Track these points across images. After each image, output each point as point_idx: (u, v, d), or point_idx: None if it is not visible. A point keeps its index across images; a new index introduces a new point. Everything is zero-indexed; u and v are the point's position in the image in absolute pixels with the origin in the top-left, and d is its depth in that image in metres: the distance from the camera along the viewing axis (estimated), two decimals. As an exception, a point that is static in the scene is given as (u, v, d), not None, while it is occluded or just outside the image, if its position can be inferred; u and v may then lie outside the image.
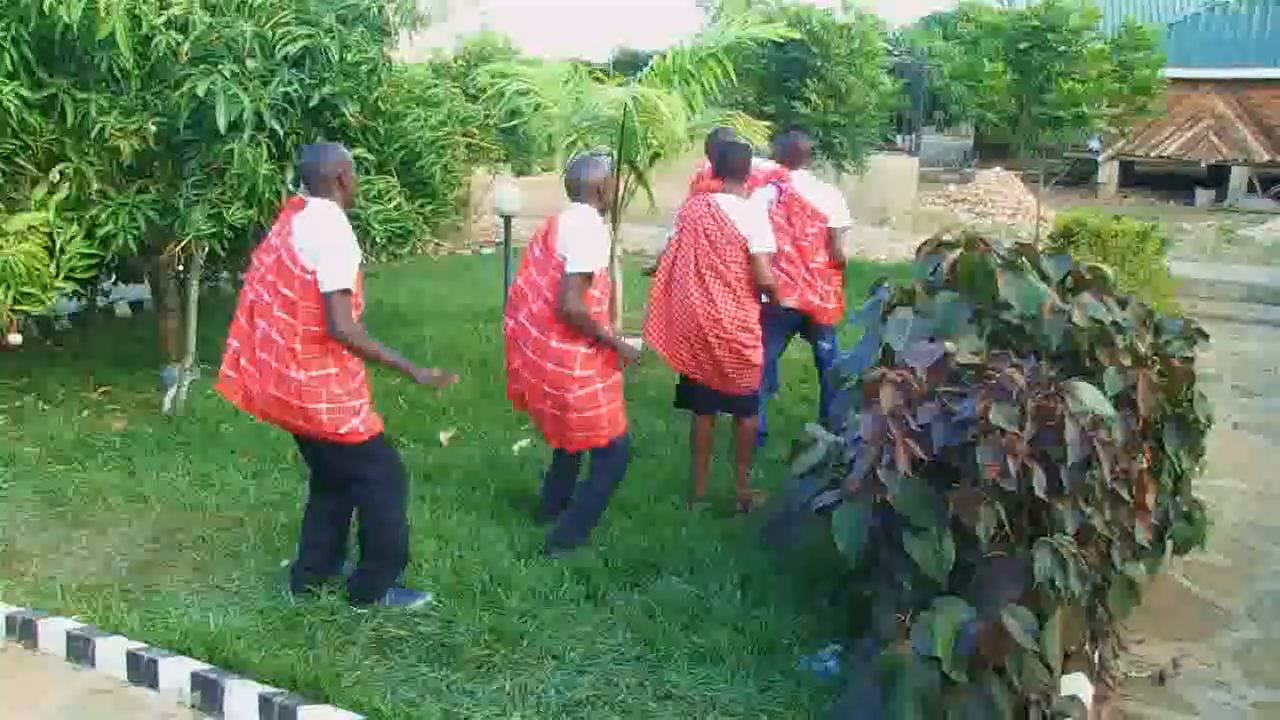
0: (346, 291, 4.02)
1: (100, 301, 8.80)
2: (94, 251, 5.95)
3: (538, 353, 4.67)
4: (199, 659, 3.89)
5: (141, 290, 8.80)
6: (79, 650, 4.03)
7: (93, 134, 5.89)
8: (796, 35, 10.41)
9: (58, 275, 5.77)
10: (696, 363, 5.20)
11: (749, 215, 5.16)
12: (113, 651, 3.97)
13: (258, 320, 4.11)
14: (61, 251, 5.79)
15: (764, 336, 5.28)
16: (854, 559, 3.52)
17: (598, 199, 4.74)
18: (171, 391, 6.60)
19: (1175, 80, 17.06)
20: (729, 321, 5.07)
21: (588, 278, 4.57)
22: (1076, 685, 3.55)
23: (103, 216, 5.95)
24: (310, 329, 4.03)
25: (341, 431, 4.13)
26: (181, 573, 4.65)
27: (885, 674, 3.28)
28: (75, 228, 5.87)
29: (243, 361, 4.17)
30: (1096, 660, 3.83)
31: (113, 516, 5.17)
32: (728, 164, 5.32)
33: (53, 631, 4.11)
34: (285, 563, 4.66)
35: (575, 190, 4.73)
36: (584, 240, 4.60)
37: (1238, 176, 19.69)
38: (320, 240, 4.02)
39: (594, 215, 4.71)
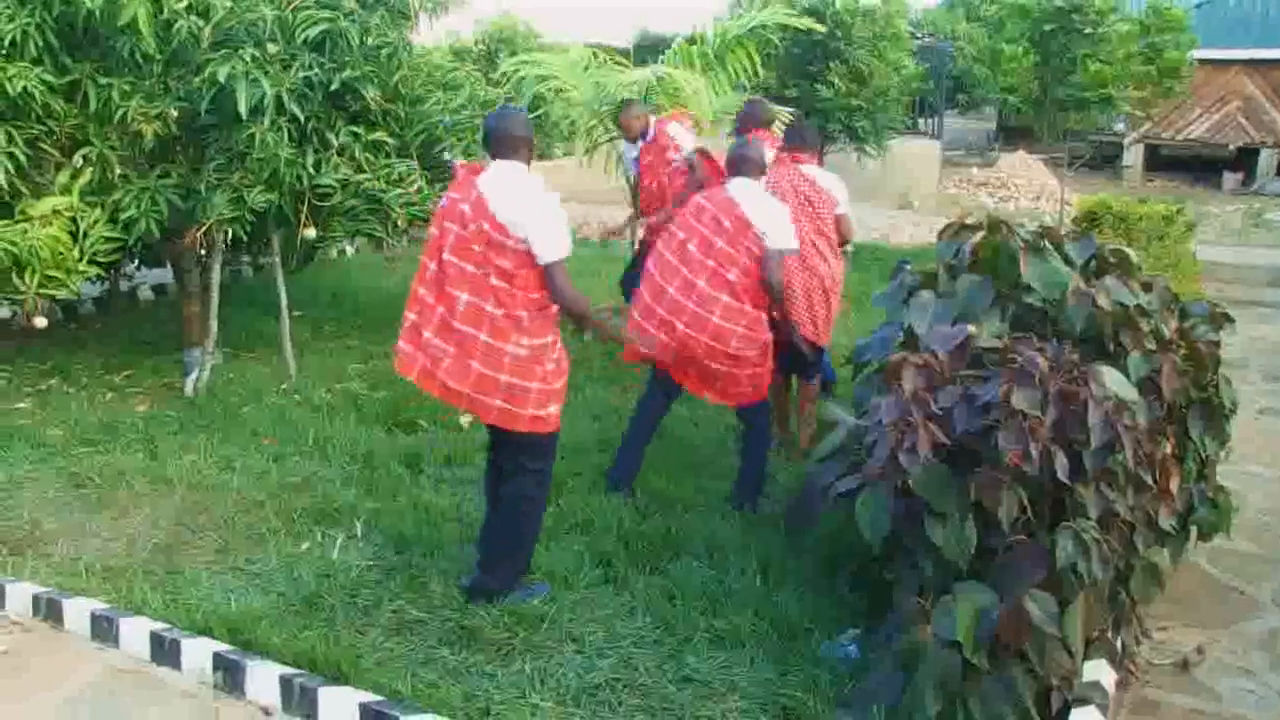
0: (564, 258, 4.00)
1: (123, 285, 8.87)
2: (117, 235, 5.98)
3: (726, 317, 4.84)
4: (221, 640, 3.91)
5: (164, 274, 8.86)
6: (103, 630, 4.07)
7: (115, 119, 5.92)
8: (821, 29, 10.37)
9: (81, 259, 5.80)
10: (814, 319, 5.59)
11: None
12: (136, 632, 4.00)
13: (453, 291, 4.00)
14: (85, 235, 5.83)
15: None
16: (877, 545, 3.50)
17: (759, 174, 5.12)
18: (194, 375, 6.64)
19: (1203, 61, 16.88)
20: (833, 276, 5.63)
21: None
22: (1098, 671, 3.52)
23: (125, 200, 5.98)
24: (531, 296, 4.00)
25: (541, 414, 4.08)
26: (203, 554, 4.68)
27: (906, 658, 3.27)
28: (98, 212, 5.91)
29: (426, 334, 4.06)
30: (1119, 646, 3.80)
31: (136, 498, 5.20)
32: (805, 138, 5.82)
33: (78, 611, 4.14)
34: (305, 545, 4.68)
35: (737, 167, 5.05)
36: (780, 220, 4.98)
37: (1266, 159, 19.44)
38: (527, 210, 3.95)
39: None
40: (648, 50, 16.74)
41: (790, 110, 9.24)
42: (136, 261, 7.92)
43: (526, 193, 4.01)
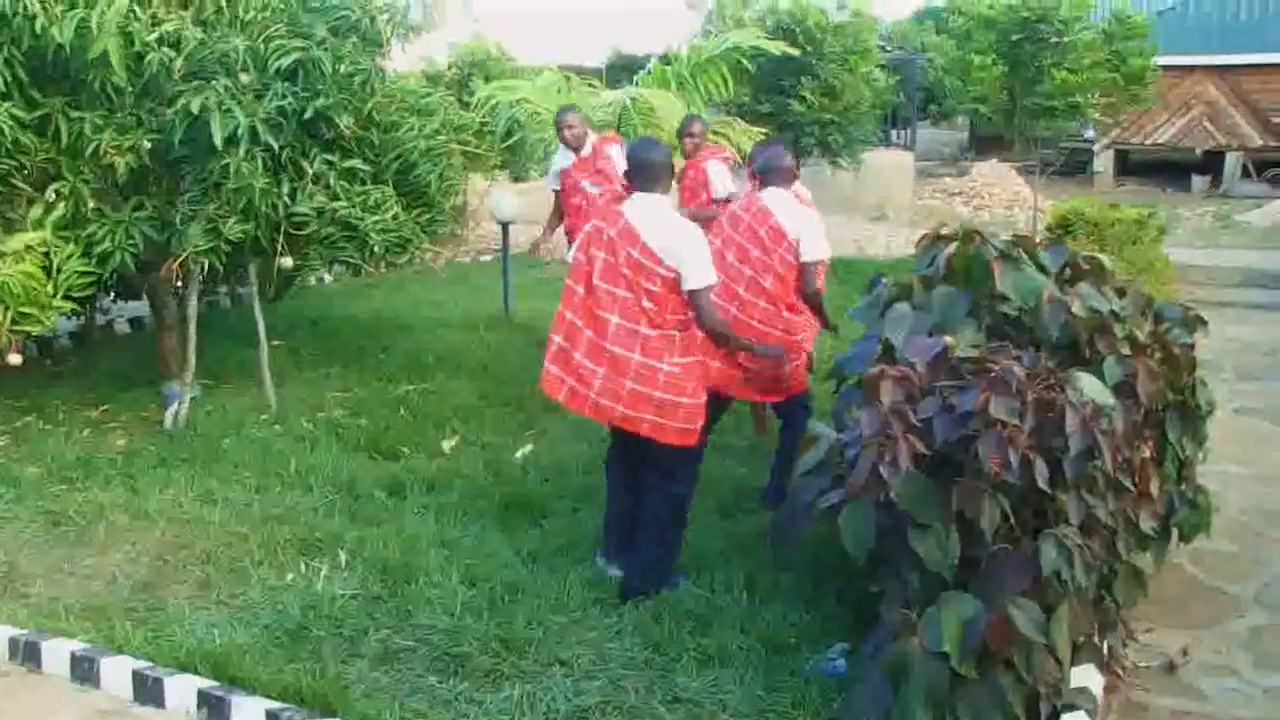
0: (711, 286, 4.32)
1: (99, 319, 8.80)
2: (91, 270, 5.95)
3: (765, 320, 5.09)
4: (205, 676, 3.88)
5: (140, 307, 8.80)
6: (84, 671, 4.02)
7: (87, 152, 5.89)
8: (795, 52, 10.47)
9: (56, 294, 5.76)
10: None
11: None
12: (118, 671, 3.95)
13: (604, 315, 4.23)
14: (59, 271, 5.79)
15: None
16: (862, 559, 3.51)
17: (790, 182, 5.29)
18: (173, 408, 6.60)
19: (1167, 67, 17.05)
20: None
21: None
22: (1086, 676, 3.53)
23: (99, 234, 5.95)
24: (680, 317, 4.27)
25: (690, 428, 4.31)
26: (186, 590, 4.64)
27: (893, 670, 3.27)
28: (72, 246, 5.87)
29: (577, 357, 4.28)
30: (1106, 651, 3.81)
31: (116, 535, 5.16)
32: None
33: (57, 653, 4.09)
34: (290, 576, 4.65)
35: (773, 176, 5.18)
36: (813, 229, 5.16)
37: (1232, 162, 19.64)
38: (676, 239, 4.24)
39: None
40: (621, 71, 16.81)
41: (762, 129, 9.30)
42: (112, 295, 7.86)
43: (673, 222, 4.35)
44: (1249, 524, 5.31)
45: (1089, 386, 3.54)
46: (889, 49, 19.14)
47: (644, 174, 4.35)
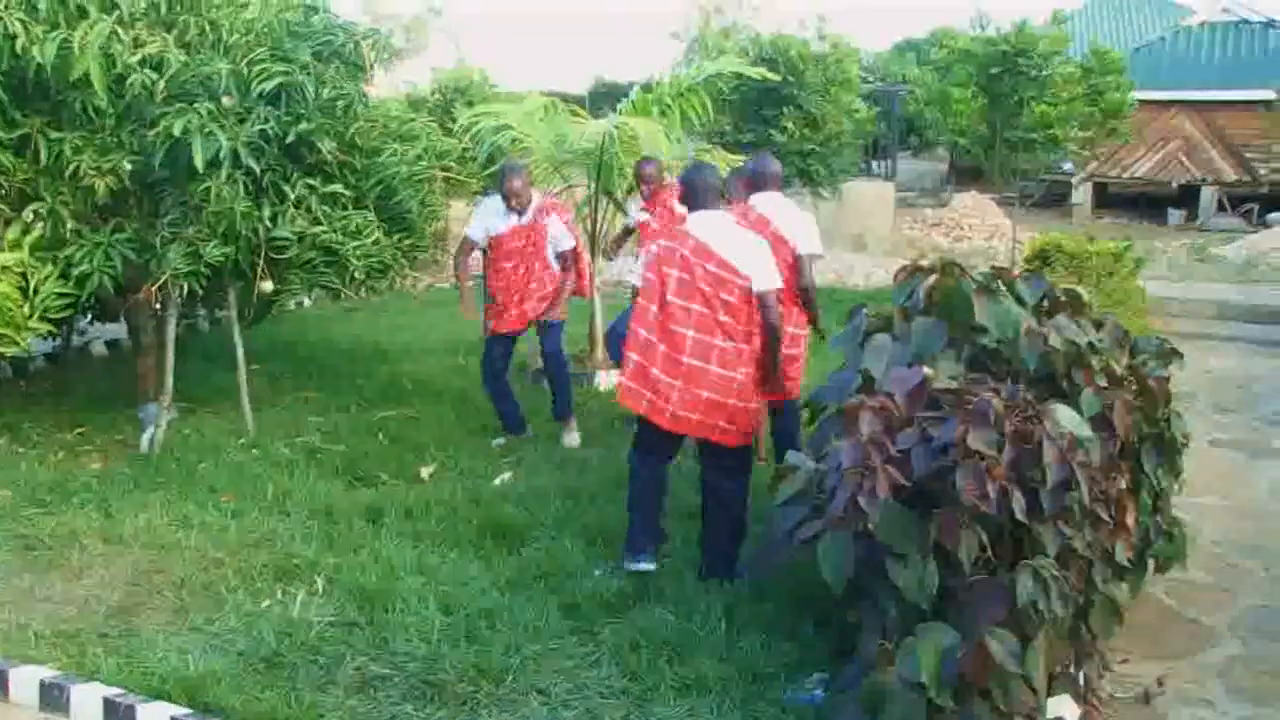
0: (777, 289, 4.72)
1: (76, 341, 8.75)
2: (69, 291, 5.92)
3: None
4: (178, 704, 3.83)
5: (118, 329, 8.75)
6: (53, 699, 3.95)
7: (67, 173, 5.87)
8: (776, 78, 10.56)
9: (32, 316, 5.73)
10: None
11: None
12: (88, 699, 3.90)
13: (679, 330, 4.56)
14: (35, 292, 5.76)
15: None
16: (840, 589, 3.51)
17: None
18: (149, 431, 6.56)
19: (1144, 102, 17.29)
20: None
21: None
22: (1062, 707, 3.53)
23: (78, 256, 5.92)
24: (748, 329, 4.63)
25: (750, 431, 4.74)
26: (160, 615, 4.59)
27: (871, 701, 3.26)
28: (50, 267, 5.85)
29: (654, 372, 4.62)
30: (1081, 681, 3.82)
31: (89, 559, 5.11)
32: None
33: (25, 680, 4.02)
34: (266, 603, 4.62)
35: (766, 181, 5.37)
36: (808, 227, 5.44)
37: (1207, 196, 19.91)
38: (745, 247, 4.66)
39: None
40: (603, 98, 16.90)
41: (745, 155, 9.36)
42: (89, 317, 7.83)
43: (739, 233, 4.76)
44: (1224, 555, 5.35)
45: (1066, 418, 3.57)
46: (870, 80, 19.33)
47: (702, 194, 4.77)
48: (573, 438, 6.85)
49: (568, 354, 7.30)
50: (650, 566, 4.86)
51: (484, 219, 6.76)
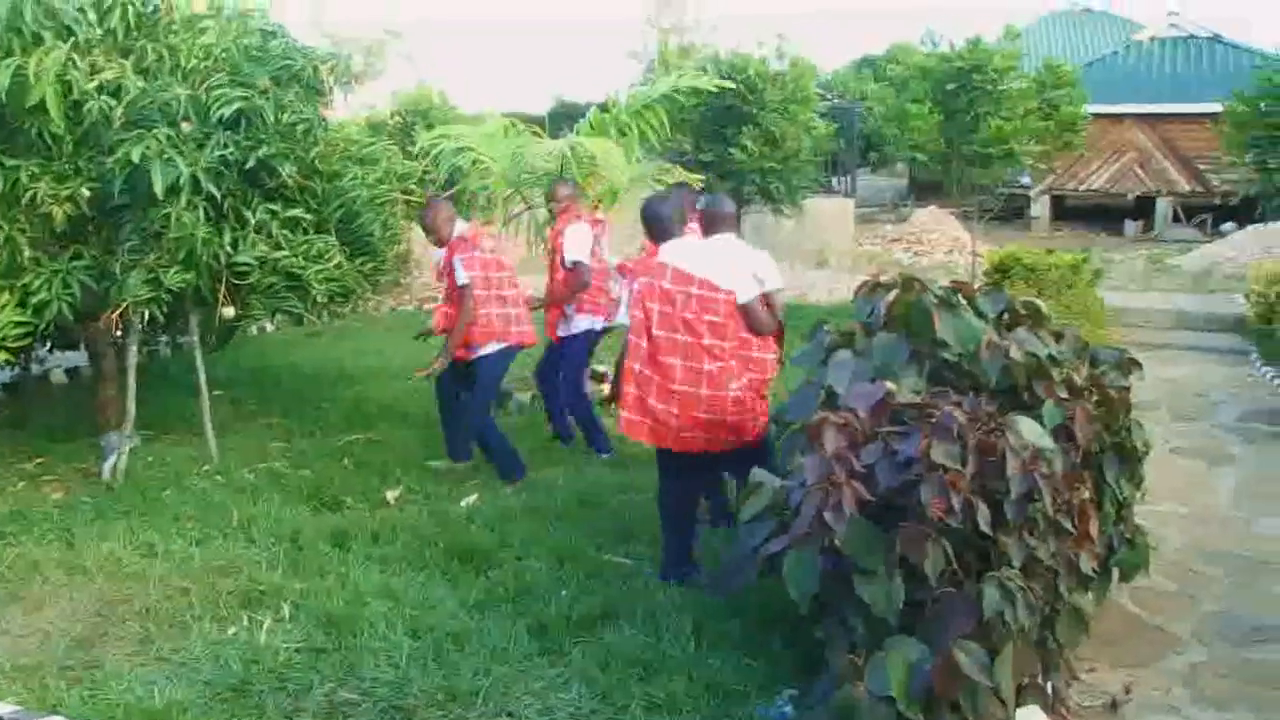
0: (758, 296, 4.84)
1: (35, 369, 8.64)
2: (28, 320, 5.86)
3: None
4: (144, 734, 3.79)
5: (78, 356, 8.66)
6: (17, 732, 3.91)
7: (24, 201, 5.82)
8: (731, 86, 10.60)
9: (-10, 345, 5.66)
10: None
11: None
12: (53, 732, 3.85)
13: (667, 360, 4.75)
14: (-7, 322, 5.69)
15: None
16: (806, 605, 3.53)
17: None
18: (111, 459, 6.48)
19: (1098, 116, 17.57)
20: None
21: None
22: (1031, 717, 3.56)
23: (36, 284, 5.87)
24: (734, 345, 4.79)
25: (761, 425, 4.86)
26: (124, 645, 4.54)
27: (841, 715, 3.27)
28: (7, 296, 5.78)
29: (651, 401, 4.82)
30: (1050, 691, 3.85)
31: (51, 591, 5.04)
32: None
33: (-12, 714, 3.98)
34: (232, 630, 4.57)
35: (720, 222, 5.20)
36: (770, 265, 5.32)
37: (1163, 207, 20.22)
38: (720, 260, 4.81)
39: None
40: (563, 118, 16.93)
41: (704, 175, 9.42)
42: (49, 345, 7.73)
43: (710, 249, 4.91)
44: (1186, 562, 5.41)
45: (1028, 430, 3.60)
46: (829, 97, 19.47)
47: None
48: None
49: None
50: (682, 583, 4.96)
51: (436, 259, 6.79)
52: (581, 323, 7.07)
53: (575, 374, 7.16)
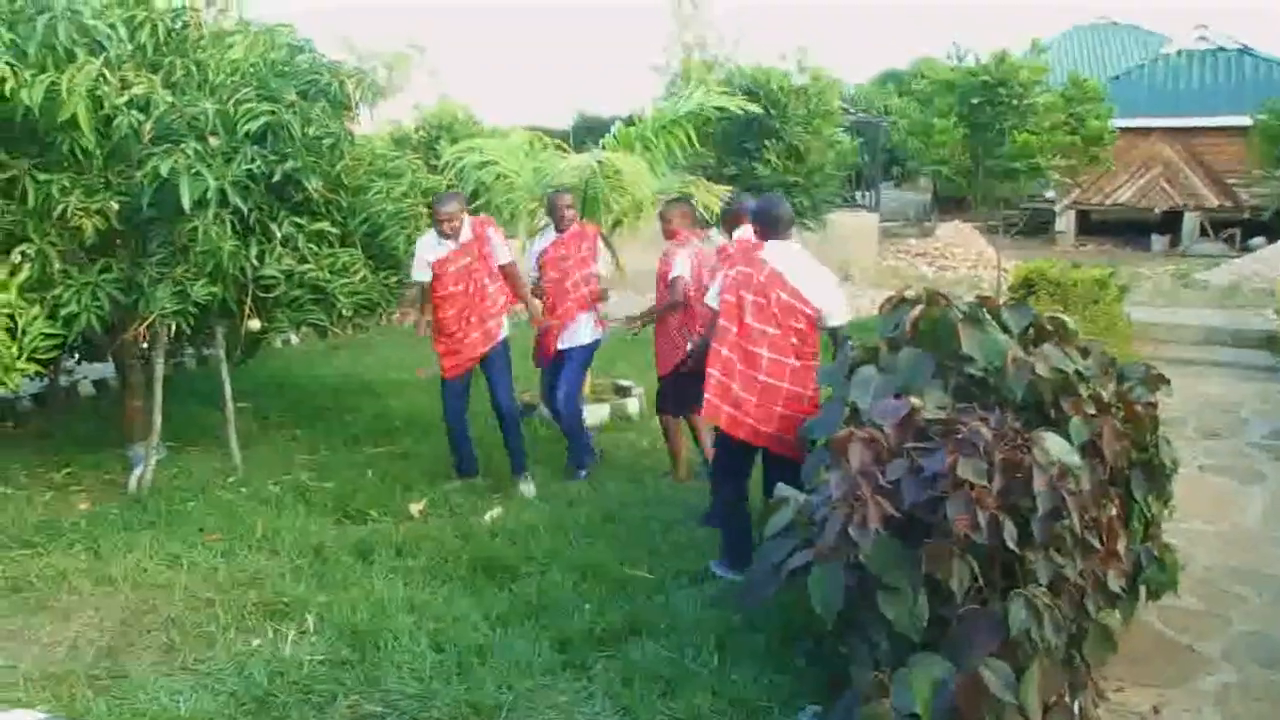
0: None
1: (63, 381, 8.72)
2: (57, 331, 5.91)
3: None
4: (169, 745, 3.81)
5: (105, 369, 8.73)
6: (44, 742, 3.93)
7: (55, 214, 5.88)
8: (758, 110, 10.62)
9: (20, 356, 5.71)
10: None
11: None
12: (80, 741, 3.88)
13: (755, 350, 4.94)
14: (23, 333, 5.74)
15: None
16: (831, 620, 3.51)
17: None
18: (137, 471, 6.53)
19: (1125, 130, 17.49)
20: None
21: None
22: (1057, 737, 3.53)
23: (65, 296, 5.92)
24: (814, 349, 5.01)
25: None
26: (150, 656, 4.56)
27: (866, 734, 3.26)
28: (37, 308, 5.83)
29: (735, 389, 4.97)
30: (1076, 710, 3.80)
31: (78, 600, 5.07)
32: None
33: (16, 723, 4.01)
34: (257, 642, 4.59)
35: (784, 225, 5.20)
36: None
37: (1190, 221, 20.09)
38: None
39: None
40: (586, 133, 16.99)
41: (729, 187, 9.41)
42: (77, 357, 7.81)
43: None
44: (1216, 581, 5.36)
45: (1055, 446, 3.58)
46: (852, 112, 19.48)
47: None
48: (529, 488, 6.68)
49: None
50: (737, 577, 5.02)
51: (422, 255, 6.45)
52: (592, 334, 7.11)
53: (578, 383, 7.15)
